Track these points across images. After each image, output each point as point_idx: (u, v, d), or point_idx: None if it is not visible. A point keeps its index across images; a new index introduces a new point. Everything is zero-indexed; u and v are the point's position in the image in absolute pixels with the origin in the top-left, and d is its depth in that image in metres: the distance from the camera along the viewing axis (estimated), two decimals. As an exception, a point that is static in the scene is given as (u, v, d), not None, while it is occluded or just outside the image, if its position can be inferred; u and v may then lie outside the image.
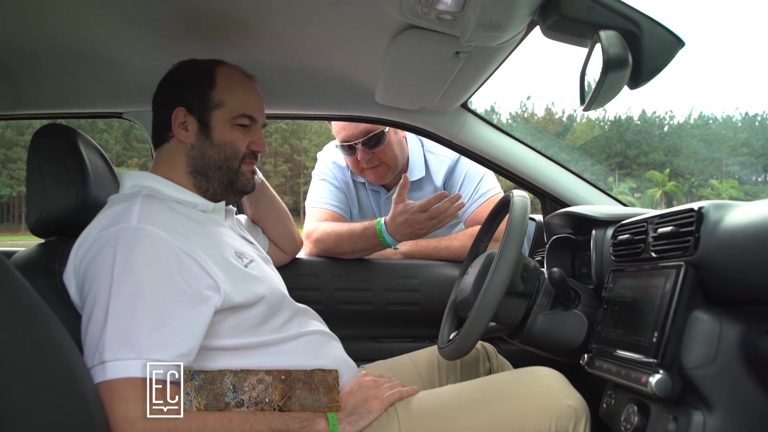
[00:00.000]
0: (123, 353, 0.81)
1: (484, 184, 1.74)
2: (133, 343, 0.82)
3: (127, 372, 0.81)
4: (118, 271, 0.86)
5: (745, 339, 0.78)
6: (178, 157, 1.07)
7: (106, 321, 0.83)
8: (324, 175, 1.82)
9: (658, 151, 65.14)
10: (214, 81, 1.07)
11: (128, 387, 0.80)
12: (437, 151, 1.79)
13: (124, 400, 0.79)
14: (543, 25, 0.85)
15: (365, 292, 1.63)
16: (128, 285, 0.85)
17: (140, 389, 0.80)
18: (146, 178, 1.05)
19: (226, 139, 1.07)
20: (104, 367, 0.81)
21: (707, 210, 0.84)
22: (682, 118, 73.69)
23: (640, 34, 0.81)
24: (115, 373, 0.80)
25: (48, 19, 1.04)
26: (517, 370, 1.15)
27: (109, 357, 0.81)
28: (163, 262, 0.88)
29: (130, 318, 0.84)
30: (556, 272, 1.05)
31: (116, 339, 0.82)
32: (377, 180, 1.77)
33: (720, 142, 67.54)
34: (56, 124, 1.15)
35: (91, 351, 0.83)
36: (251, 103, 1.10)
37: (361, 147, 1.67)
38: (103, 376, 0.80)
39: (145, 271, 0.86)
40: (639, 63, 0.80)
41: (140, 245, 0.88)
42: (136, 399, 0.80)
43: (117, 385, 0.80)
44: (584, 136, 66.11)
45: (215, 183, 1.08)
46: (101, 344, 0.82)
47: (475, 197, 1.73)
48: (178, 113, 1.06)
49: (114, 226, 0.90)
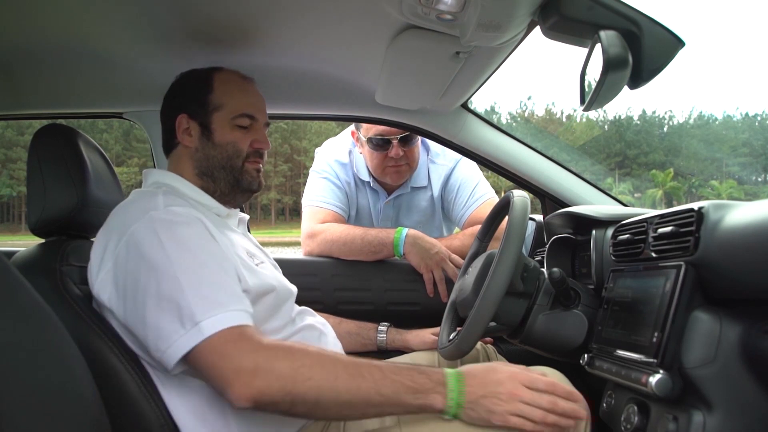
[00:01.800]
0: (213, 311, 0.84)
1: (478, 189, 1.76)
2: (217, 301, 0.86)
3: (224, 323, 0.83)
4: (170, 248, 0.88)
5: (745, 339, 0.78)
6: (186, 161, 1.11)
7: (183, 292, 0.85)
8: (325, 173, 1.80)
9: (658, 151, 65.16)
10: (212, 86, 1.10)
11: (230, 337, 0.83)
12: (438, 160, 1.82)
13: (232, 350, 0.82)
14: (543, 25, 0.86)
15: (365, 292, 1.63)
16: (186, 257, 0.88)
17: (241, 337, 0.83)
18: (167, 177, 1.09)
19: (227, 140, 1.09)
20: (199, 327, 0.83)
21: (707, 210, 0.84)
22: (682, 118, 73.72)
23: (640, 34, 0.81)
24: (213, 328, 0.83)
25: (48, 19, 1.05)
26: (517, 370, 1.15)
27: (202, 317, 0.83)
28: (201, 232, 0.94)
29: (203, 283, 0.87)
30: (556, 272, 1.05)
31: (201, 302, 0.85)
32: (397, 179, 1.77)
33: (720, 142, 67.54)
34: (57, 124, 1.15)
35: (173, 325, 0.84)
36: (249, 103, 1.12)
37: (397, 143, 1.67)
38: (200, 336, 0.82)
39: (193, 242, 0.91)
40: (639, 63, 0.80)
41: (177, 222, 0.93)
42: (242, 344, 0.83)
43: (218, 339, 0.82)
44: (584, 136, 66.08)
45: (222, 183, 1.10)
46: (187, 311, 0.84)
47: (471, 201, 1.75)
48: (181, 120, 1.10)
49: (144, 215, 0.93)
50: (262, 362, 0.82)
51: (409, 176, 1.80)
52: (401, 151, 1.69)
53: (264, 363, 0.82)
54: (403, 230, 1.60)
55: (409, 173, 1.78)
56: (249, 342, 0.83)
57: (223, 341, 0.83)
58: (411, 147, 1.71)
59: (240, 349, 0.82)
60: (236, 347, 0.82)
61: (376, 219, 1.86)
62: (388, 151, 1.69)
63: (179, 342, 0.83)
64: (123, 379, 0.91)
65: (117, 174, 1.25)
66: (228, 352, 0.82)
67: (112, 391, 0.87)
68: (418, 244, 1.58)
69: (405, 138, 1.67)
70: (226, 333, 0.83)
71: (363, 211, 1.87)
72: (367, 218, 1.87)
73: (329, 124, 3.08)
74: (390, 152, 1.69)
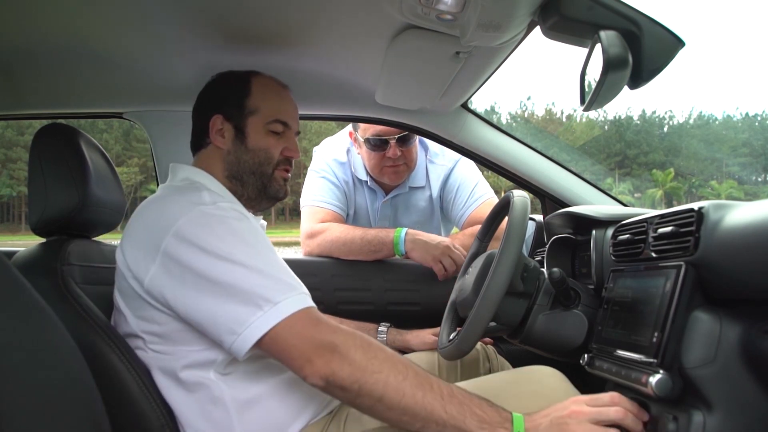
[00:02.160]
0: (288, 293, 0.87)
1: (478, 189, 1.77)
2: (289, 284, 0.89)
3: (301, 304, 0.87)
4: (230, 240, 0.90)
5: (745, 339, 0.78)
6: (216, 162, 1.10)
7: (253, 277, 0.87)
8: (324, 172, 1.81)
9: (658, 151, 65.16)
10: (250, 89, 1.11)
11: (306, 317, 0.86)
12: (437, 161, 1.82)
13: (312, 329, 0.85)
14: (543, 25, 0.86)
15: (365, 292, 1.63)
16: (248, 247, 0.91)
17: (318, 318, 0.87)
18: (198, 174, 1.08)
19: (260, 145, 1.10)
20: (278, 308, 0.85)
21: (707, 210, 0.85)
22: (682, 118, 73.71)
23: (641, 34, 0.81)
24: (291, 308, 0.85)
25: (48, 19, 1.05)
26: (517, 369, 1.15)
27: (280, 298, 0.86)
28: (253, 227, 0.96)
29: (272, 269, 0.90)
30: (556, 272, 1.05)
31: (274, 285, 0.87)
32: (395, 179, 1.78)
33: (720, 142, 67.52)
34: (58, 123, 1.15)
35: (248, 309, 0.86)
36: (284, 110, 1.13)
37: (394, 143, 1.67)
38: (279, 316, 0.85)
39: (250, 234, 0.93)
40: (639, 63, 0.80)
41: (229, 218, 0.94)
42: (321, 325, 0.86)
43: (297, 319, 0.85)
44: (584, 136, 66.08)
45: (249, 188, 1.11)
46: (263, 293, 0.86)
47: (470, 201, 1.75)
48: (215, 120, 1.10)
49: (192, 209, 0.93)
50: (340, 344, 0.84)
51: (407, 176, 1.80)
52: (399, 151, 1.69)
53: (342, 345, 0.84)
54: (402, 229, 1.61)
55: (407, 173, 1.78)
56: (326, 323, 0.87)
57: (302, 321, 0.86)
58: (409, 147, 1.71)
59: (320, 328, 0.86)
60: (316, 327, 0.86)
61: (373, 218, 1.86)
62: (385, 151, 1.69)
63: (257, 323, 0.85)
64: (123, 378, 0.91)
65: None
66: (308, 331, 0.85)
67: (112, 391, 0.87)
68: (419, 240, 1.58)
69: (402, 138, 1.67)
70: (302, 313, 0.86)
71: (361, 210, 1.87)
72: (364, 218, 1.87)
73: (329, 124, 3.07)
74: (387, 152, 1.69)
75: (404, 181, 1.81)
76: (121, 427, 0.85)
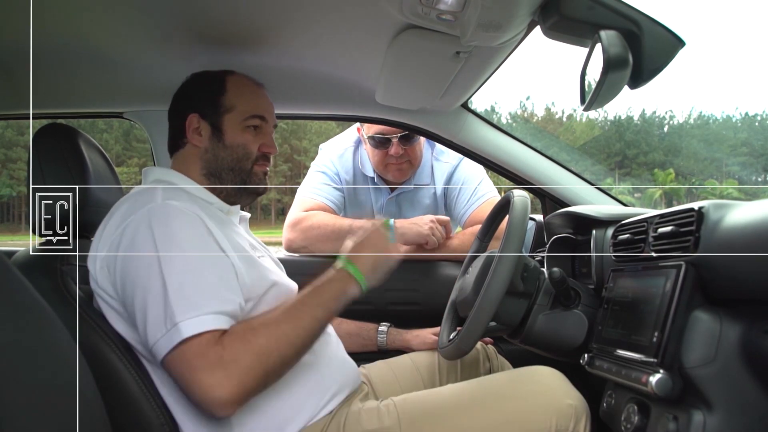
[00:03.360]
0: (190, 312, 0.86)
1: (481, 188, 1.76)
2: (196, 303, 0.87)
3: (200, 327, 0.85)
4: (161, 244, 0.90)
5: (745, 339, 0.78)
6: (193, 161, 1.11)
7: (166, 291, 0.87)
8: (325, 167, 1.81)
9: (658, 151, 65.13)
10: (225, 87, 1.11)
11: (201, 342, 0.85)
12: (442, 158, 1.82)
13: (200, 362, 0.84)
14: (543, 25, 0.86)
15: (365, 292, 1.62)
16: (175, 256, 0.90)
17: (208, 344, 0.85)
18: (168, 174, 1.09)
19: (238, 142, 1.10)
20: (178, 328, 0.85)
21: (707, 210, 0.85)
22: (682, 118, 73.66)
23: (641, 34, 0.81)
24: (189, 330, 0.85)
25: (48, 19, 1.04)
26: (517, 369, 1.15)
27: (180, 318, 0.85)
28: (197, 230, 0.94)
29: (187, 283, 0.88)
30: (556, 272, 1.05)
31: (181, 302, 0.87)
32: (399, 177, 1.77)
33: (720, 142, 67.49)
34: (57, 123, 1.15)
35: (158, 323, 0.86)
36: (260, 105, 1.14)
37: (397, 141, 1.67)
38: (178, 336, 0.84)
39: (186, 240, 0.92)
40: (639, 63, 0.80)
41: (173, 218, 0.93)
42: (209, 356, 0.84)
43: (192, 344, 0.84)
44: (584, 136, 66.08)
45: (229, 184, 1.11)
46: (169, 311, 0.86)
47: (473, 200, 1.74)
48: (192, 120, 1.10)
49: (141, 208, 0.94)
50: (229, 365, 0.84)
51: (412, 174, 1.80)
52: (401, 149, 1.69)
53: (231, 365, 0.84)
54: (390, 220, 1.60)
55: (411, 171, 1.78)
56: (214, 351, 0.84)
57: (194, 350, 0.84)
58: (412, 145, 1.71)
59: (207, 361, 0.83)
60: (204, 360, 0.84)
61: (378, 215, 1.86)
62: (388, 149, 1.69)
63: (162, 341, 0.85)
64: (123, 378, 0.91)
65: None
66: (198, 365, 0.83)
67: (112, 391, 0.87)
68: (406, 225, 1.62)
69: (405, 136, 1.67)
70: (198, 339, 0.84)
71: (365, 207, 1.87)
72: (368, 215, 1.87)
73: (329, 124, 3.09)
74: (390, 150, 1.69)
75: (409, 179, 1.81)
76: (121, 427, 0.85)
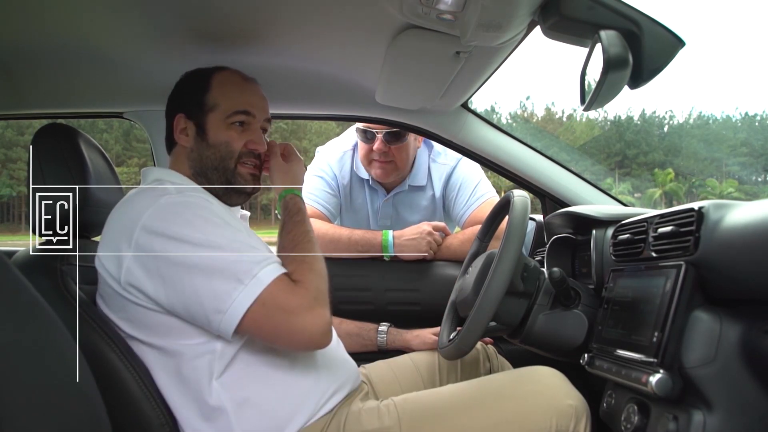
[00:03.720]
0: (262, 262, 0.92)
1: (479, 188, 1.75)
2: (262, 255, 0.94)
3: (277, 271, 0.92)
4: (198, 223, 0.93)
5: (745, 339, 0.78)
6: (183, 161, 1.11)
7: (227, 255, 0.91)
8: (322, 172, 1.80)
9: (658, 151, 65.12)
10: (209, 85, 1.10)
11: (282, 286, 0.91)
12: (440, 160, 1.81)
13: (292, 295, 0.91)
14: (543, 25, 0.86)
15: (365, 292, 1.63)
16: (215, 228, 0.94)
17: (291, 282, 0.93)
18: (168, 174, 1.09)
19: (221, 139, 1.09)
20: (258, 278, 0.90)
21: (707, 210, 0.85)
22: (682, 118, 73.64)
23: (641, 34, 0.81)
24: (270, 276, 0.91)
25: (48, 19, 1.05)
26: (517, 369, 1.15)
27: (257, 269, 0.90)
28: (219, 210, 1.00)
29: (243, 244, 0.94)
30: (556, 272, 1.05)
31: (249, 258, 0.92)
32: (381, 177, 1.76)
33: (720, 142, 67.47)
34: (58, 123, 1.15)
35: (230, 285, 0.89)
36: (245, 101, 1.11)
37: (380, 137, 1.66)
38: (260, 285, 0.89)
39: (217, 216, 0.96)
40: (639, 63, 0.80)
41: (194, 204, 0.97)
42: (295, 289, 0.92)
43: (275, 287, 0.90)
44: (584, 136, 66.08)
45: (215, 184, 1.11)
46: (241, 268, 0.90)
47: (471, 201, 1.74)
48: (179, 120, 1.11)
49: (155, 202, 0.95)
50: (316, 296, 0.93)
51: (397, 176, 1.77)
52: (384, 146, 1.67)
53: (317, 295, 0.93)
54: (388, 232, 1.63)
55: (396, 173, 1.75)
56: (297, 289, 0.92)
57: (281, 292, 0.91)
58: (397, 145, 1.68)
59: (297, 299, 0.91)
60: (294, 299, 0.91)
61: (374, 217, 1.86)
62: (372, 144, 1.68)
63: (241, 297, 0.88)
64: (123, 378, 0.91)
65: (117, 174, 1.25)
66: (291, 306, 0.90)
67: (112, 391, 0.87)
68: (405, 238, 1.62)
69: (391, 133, 1.65)
70: (279, 282, 0.91)
71: (361, 210, 1.86)
72: (364, 218, 1.86)
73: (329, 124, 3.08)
74: (373, 145, 1.68)
75: (404, 180, 1.80)
76: (121, 427, 0.85)
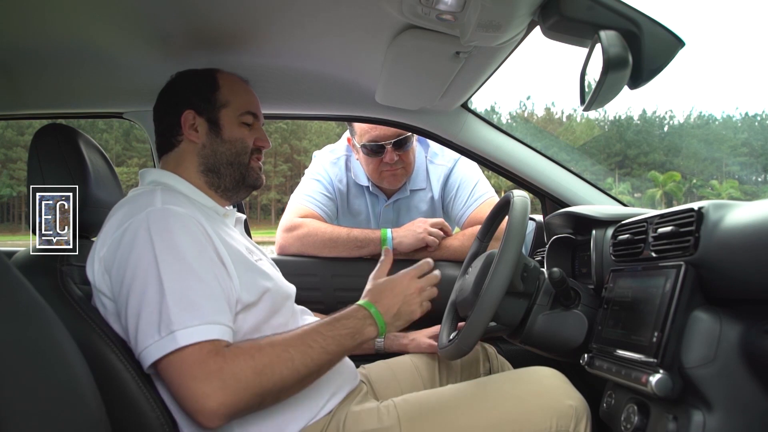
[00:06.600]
0: (190, 320, 0.85)
1: (478, 188, 1.76)
2: (196, 311, 0.86)
3: (199, 336, 0.84)
4: (160, 250, 0.89)
5: (745, 339, 0.78)
6: (190, 159, 1.11)
7: (164, 297, 0.86)
8: (319, 176, 1.81)
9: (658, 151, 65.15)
10: (217, 83, 1.12)
11: (198, 355, 0.83)
12: (437, 161, 1.82)
13: (198, 371, 0.82)
14: (543, 25, 0.86)
15: None
16: (174, 262, 0.89)
17: (209, 355, 0.84)
18: (164, 176, 1.09)
19: (236, 136, 1.11)
20: (174, 336, 0.84)
21: (707, 210, 0.85)
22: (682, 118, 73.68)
23: (641, 34, 0.81)
24: (187, 339, 0.84)
25: (48, 19, 1.04)
26: (517, 370, 1.15)
27: (178, 326, 0.84)
28: (196, 237, 0.93)
29: (187, 290, 0.87)
30: (556, 272, 1.05)
31: (180, 310, 0.86)
32: (394, 183, 1.77)
33: (720, 142, 67.49)
34: (57, 123, 1.15)
35: (150, 329, 0.86)
36: (252, 102, 1.15)
37: (390, 148, 1.67)
38: (174, 344, 0.83)
39: (186, 247, 0.91)
40: (639, 63, 0.80)
41: (173, 223, 0.92)
42: (209, 364, 0.83)
43: (189, 353, 0.83)
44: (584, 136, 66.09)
45: (227, 179, 1.11)
46: (165, 318, 0.85)
47: (470, 201, 1.74)
48: (187, 116, 1.10)
49: (141, 211, 0.94)
50: (228, 378, 0.83)
51: (407, 179, 1.79)
52: (395, 155, 1.68)
53: (230, 378, 0.83)
54: (387, 229, 1.64)
55: (405, 177, 1.77)
56: (214, 361, 0.83)
57: (193, 357, 0.83)
58: (405, 151, 1.70)
59: (206, 370, 0.83)
60: (202, 368, 0.83)
61: (376, 223, 1.86)
62: (382, 156, 1.69)
63: (152, 348, 0.85)
64: (123, 378, 0.91)
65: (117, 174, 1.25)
66: (194, 373, 0.82)
67: (112, 391, 0.87)
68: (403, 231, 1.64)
69: (398, 142, 1.67)
70: (197, 348, 0.84)
71: (362, 216, 1.86)
72: (365, 223, 1.86)
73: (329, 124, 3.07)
74: (384, 157, 1.69)
75: (405, 185, 1.81)
76: (121, 427, 0.85)
